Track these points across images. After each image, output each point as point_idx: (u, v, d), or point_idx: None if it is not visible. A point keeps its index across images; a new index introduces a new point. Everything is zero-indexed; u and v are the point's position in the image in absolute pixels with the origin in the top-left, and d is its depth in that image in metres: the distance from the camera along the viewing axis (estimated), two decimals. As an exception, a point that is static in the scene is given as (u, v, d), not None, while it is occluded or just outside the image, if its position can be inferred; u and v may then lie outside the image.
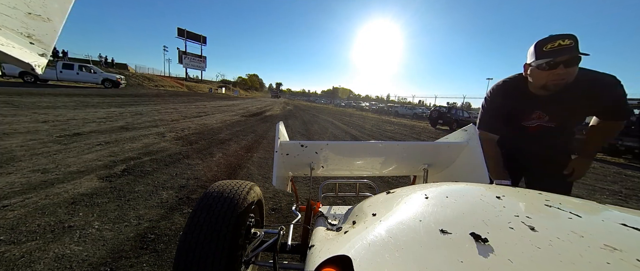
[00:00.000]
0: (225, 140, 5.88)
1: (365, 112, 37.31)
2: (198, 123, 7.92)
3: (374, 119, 23.17)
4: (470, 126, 1.46)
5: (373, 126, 15.47)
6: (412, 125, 19.53)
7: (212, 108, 14.14)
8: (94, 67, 20.58)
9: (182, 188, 2.94)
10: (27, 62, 0.66)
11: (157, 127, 6.39)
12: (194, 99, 20.95)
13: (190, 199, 2.67)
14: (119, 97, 13.96)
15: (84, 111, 7.68)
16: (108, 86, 20.34)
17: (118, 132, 5.41)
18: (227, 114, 11.69)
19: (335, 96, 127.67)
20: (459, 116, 18.33)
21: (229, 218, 0.90)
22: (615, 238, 0.47)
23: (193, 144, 5.10)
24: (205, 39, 64.19)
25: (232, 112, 13.22)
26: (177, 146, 4.84)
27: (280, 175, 1.38)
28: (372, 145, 1.47)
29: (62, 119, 6.01)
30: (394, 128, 15.17)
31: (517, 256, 0.43)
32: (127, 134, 5.33)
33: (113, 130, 5.53)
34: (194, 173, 3.50)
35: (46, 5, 0.70)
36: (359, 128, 13.04)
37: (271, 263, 1.01)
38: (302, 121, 13.44)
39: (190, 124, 7.49)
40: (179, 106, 13.13)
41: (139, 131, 5.77)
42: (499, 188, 0.75)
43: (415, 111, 35.75)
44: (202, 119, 8.89)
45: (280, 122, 1.53)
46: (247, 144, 5.73)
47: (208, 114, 10.96)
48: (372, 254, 0.48)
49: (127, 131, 5.56)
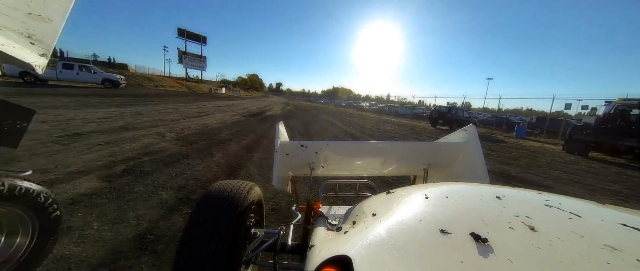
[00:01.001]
0: (225, 140, 5.88)
1: (365, 112, 37.30)
2: (198, 123, 7.92)
3: (374, 119, 23.17)
4: (470, 126, 1.46)
5: (373, 126, 15.47)
6: (412, 125, 19.54)
7: (212, 108, 14.14)
8: (94, 68, 20.58)
9: (182, 188, 2.94)
10: (27, 62, 0.66)
11: (157, 128, 6.39)
12: (194, 99, 20.96)
13: (189, 199, 2.66)
14: (119, 97, 13.97)
15: (84, 111, 7.67)
16: (108, 86, 20.34)
17: (118, 132, 5.41)
18: (227, 114, 11.69)
19: (335, 96, 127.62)
20: (459, 115, 18.33)
21: (229, 218, 0.90)
22: (615, 238, 0.48)
23: (193, 144, 5.10)
24: (205, 39, 63.63)
25: (232, 112, 13.22)
26: (177, 146, 4.84)
27: (280, 175, 1.37)
28: (372, 145, 1.47)
29: (62, 119, 6.01)
30: (393, 128, 15.17)
31: (517, 256, 0.43)
32: (127, 134, 5.32)
33: (113, 130, 5.53)
34: (194, 173, 3.49)
35: (46, 6, 0.70)
36: (359, 128, 13.03)
37: (271, 263, 1.01)
38: (302, 121, 13.43)
39: (190, 124, 7.49)
40: (179, 106, 13.14)
41: (139, 131, 5.77)
42: (499, 188, 0.76)
43: (415, 111, 35.70)
44: (202, 119, 8.89)
45: (280, 122, 1.52)
46: (247, 144, 5.73)
47: (208, 114, 10.96)
48: (372, 254, 0.48)
49: (127, 131, 5.56)
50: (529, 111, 41.35)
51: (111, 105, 9.94)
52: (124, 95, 15.66)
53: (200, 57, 61.69)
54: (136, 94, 17.48)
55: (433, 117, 19.21)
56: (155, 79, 36.15)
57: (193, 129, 6.85)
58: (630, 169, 7.63)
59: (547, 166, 7.16)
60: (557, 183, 5.18)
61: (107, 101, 11.12)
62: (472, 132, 1.42)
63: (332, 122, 15.13)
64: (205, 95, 32.15)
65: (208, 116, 10.28)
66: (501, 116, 24.52)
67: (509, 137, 16.77)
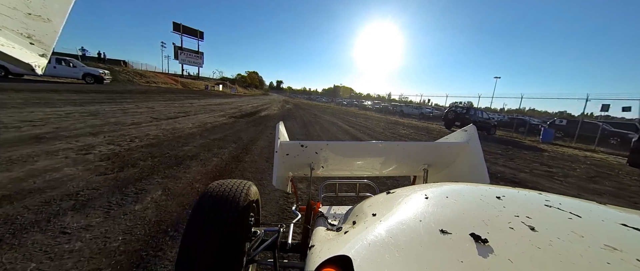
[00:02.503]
0: (187, 157, 4.03)
1: (369, 112, 35.38)
2: (165, 128, 6.07)
3: (381, 119, 21.31)
4: (470, 126, 1.46)
5: (384, 129, 13.58)
6: (425, 127, 17.64)
7: (199, 107, 12.29)
8: (73, 61, 18.63)
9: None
10: (27, 63, 0.65)
11: (95, 136, 4.54)
12: (185, 96, 19.10)
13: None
14: (95, 93, 12.13)
15: (22, 111, 5.86)
16: (90, 81, 18.51)
17: (21, 146, 3.56)
18: (213, 115, 9.83)
19: (336, 94, 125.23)
20: (478, 116, 16.42)
21: (230, 216, 0.90)
22: (616, 238, 0.46)
23: (123, 170, 3.22)
24: (203, 34, 59.96)
25: (220, 112, 11.36)
26: (89, 173, 2.98)
27: (280, 175, 1.36)
28: (372, 145, 1.47)
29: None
30: (409, 132, 13.25)
31: (517, 257, 0.42)
32: (30, 149, 3.47)
33: (19, 141, 3.69)
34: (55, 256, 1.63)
35: (46, 6, 0.72)
36: (369, 132, 11.16)
37: (271, 262, 1.02)
38: (302, 123, 11.60)
39: (151, 130, 5.64)
40: (158, 104, 11.29)
41: (58, 143, 3.91)
42: (499, 188, 0.75)
43: (423, 111, 33.77)
44: (175, 123, 7.04)
45: (280, 122, 1.49)
46: (218, 165, 3.86)
47: (189, 114, 9.12)
48: (372, 254, 0.47)
49: (38, 144, 3.72)
50: (546, 113, 39.10)
51: (73, 103, 8.12)
52: (103, 91, 13.80)
53: (197, 53, 58.57)
54: (118, 91, 15.63)
55: (449, 119, 17.31)
56: (147, 75, 34.06)
57: (150, 137, 5.00)
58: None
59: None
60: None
61: (73, 98, 9.30)
62: (472, 132, 1.42)
63: (336, 123, 13.29)
64: (199, 92, 30.05)
65: (187, 117, 8.43)
66: (520, 118, 22.47)
67: (535, 141, 14.88)
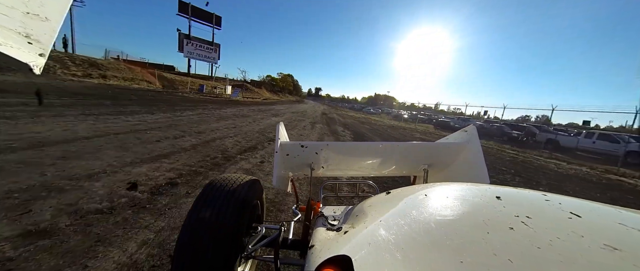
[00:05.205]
0: None
1: (447, 132, 22.06)
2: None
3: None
4: (470, 126, 1.45)
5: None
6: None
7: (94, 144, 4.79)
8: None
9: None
10: (24, 62, 0.65)
11: None
12: (130, 110, 10.65)
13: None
14: None
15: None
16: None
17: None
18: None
19: (376, 103, 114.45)
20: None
21: (231, 211, 0.90)
22: (615, 238, 0.47)
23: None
24: (220, 19, 41.76)
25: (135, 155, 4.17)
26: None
27: (281, 175, 1.38)
28: (372, 145, 1.48)
29: None
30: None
31: (517, 256, 0.42)
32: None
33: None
34: None
35: (44, 5, 0.71)
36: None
37: (270, 258, 1.03)
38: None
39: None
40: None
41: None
42: (499, 188, 0.75)
43: (504, 129, 22.19)
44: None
45: (281, 122, 1.48)
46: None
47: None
48: (372, 254, 0.48)
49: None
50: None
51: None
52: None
53: (212, 44, 40.58)
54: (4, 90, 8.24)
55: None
56: (107, 67, 23.09)
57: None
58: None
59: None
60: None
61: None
62: (472, 132, 1.43)
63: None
64: (180, 99, 17.47)
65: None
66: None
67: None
